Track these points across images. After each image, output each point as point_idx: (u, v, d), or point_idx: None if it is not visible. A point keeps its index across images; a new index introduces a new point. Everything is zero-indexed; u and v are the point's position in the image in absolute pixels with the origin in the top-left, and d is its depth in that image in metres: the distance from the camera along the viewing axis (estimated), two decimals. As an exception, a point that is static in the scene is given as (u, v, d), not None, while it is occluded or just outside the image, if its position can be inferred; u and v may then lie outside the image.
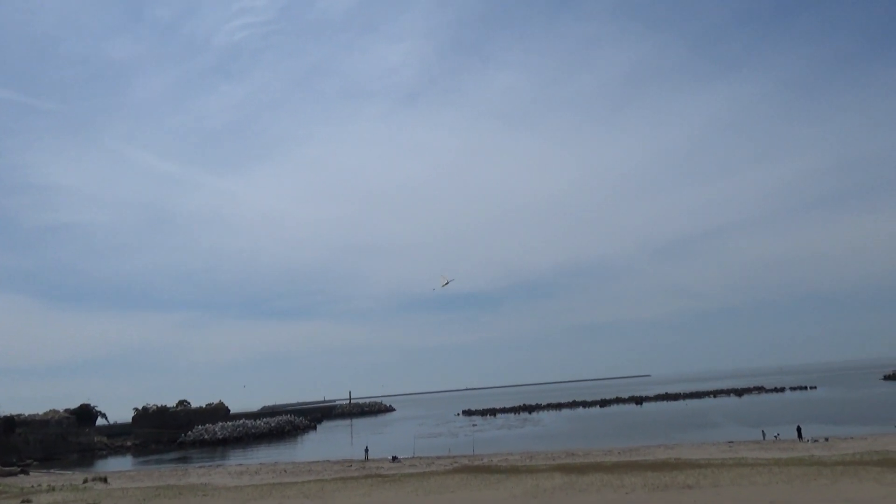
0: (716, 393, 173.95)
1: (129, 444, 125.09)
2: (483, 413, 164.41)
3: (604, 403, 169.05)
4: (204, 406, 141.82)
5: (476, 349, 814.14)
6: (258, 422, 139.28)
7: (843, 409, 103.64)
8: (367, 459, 71.45)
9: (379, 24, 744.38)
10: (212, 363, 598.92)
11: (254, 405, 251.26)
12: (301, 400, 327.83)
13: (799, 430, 67.72)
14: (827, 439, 61.38)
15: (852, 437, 62.34)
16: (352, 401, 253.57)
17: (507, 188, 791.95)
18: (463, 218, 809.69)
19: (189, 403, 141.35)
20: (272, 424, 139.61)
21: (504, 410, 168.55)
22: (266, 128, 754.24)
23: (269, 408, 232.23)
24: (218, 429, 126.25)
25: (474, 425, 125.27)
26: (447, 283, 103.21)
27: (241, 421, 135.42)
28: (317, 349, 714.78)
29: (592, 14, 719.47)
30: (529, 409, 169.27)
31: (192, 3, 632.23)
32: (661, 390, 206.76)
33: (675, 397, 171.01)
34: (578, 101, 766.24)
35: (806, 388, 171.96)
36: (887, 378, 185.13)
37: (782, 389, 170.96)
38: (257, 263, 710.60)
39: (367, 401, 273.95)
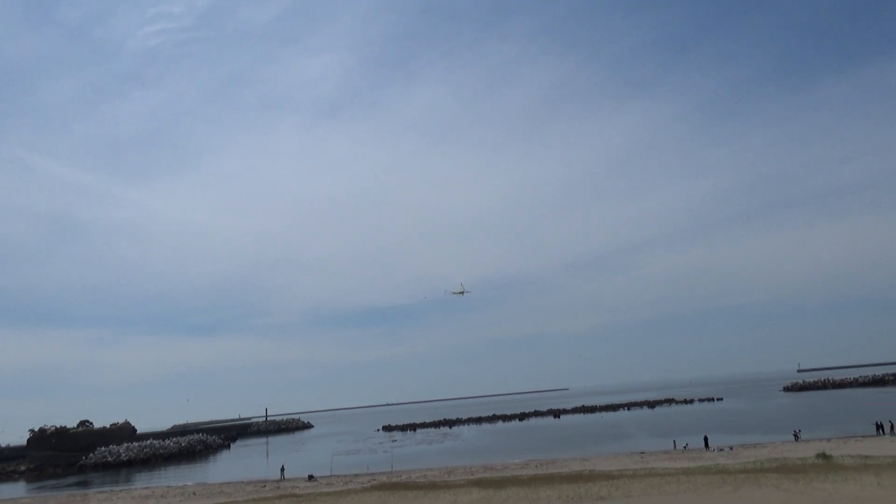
0: (630, 405, 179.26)
1: (22, 468, 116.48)
2: (403, 428, 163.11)
3: (523, 417, 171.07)
4: (108, 426, 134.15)
5: (397, 364, 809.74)
6: (167, 442, 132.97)
7: (746, 419, 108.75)
8: (282, 479, 69.22)
9: (300, 36, 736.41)
10: (120, 382, 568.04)
11: (164, 424, 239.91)
12: (215, 418, 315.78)
13: (706, 439, 70.51)
14: (731, 448, 64.14)
15: (754, 446, 65.37)
16: (268, 418, 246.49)
17: (430, 203, 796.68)
18: (385, 232, 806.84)
19: (91, 424, 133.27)
20: (182, 444, 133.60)
21: (424, 425, 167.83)
22: (182, 137, 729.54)
23: (180, 427, 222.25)
24: (123, 450, 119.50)
25: (394, 441, 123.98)
26: (462, 293, 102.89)
27: (149, 441, 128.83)
28: (233, 366, 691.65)
29: (514, 34, 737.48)
30: (450, 423, 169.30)
31: (104, 6, 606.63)
32: (579, 403, 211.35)
33: (591, 410, 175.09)
34: (501, 118, 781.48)
35: (713, 399, 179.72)
36: (787, 390, 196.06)
37: (692, 401, 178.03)
38: (172, 277, 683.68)
39: (285, 418, 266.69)
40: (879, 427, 68.97)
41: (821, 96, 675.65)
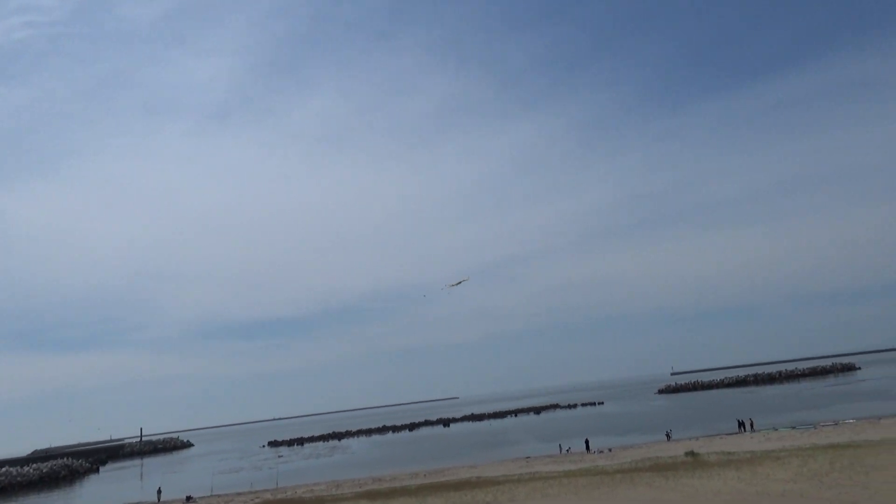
0: (517, 412, 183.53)
1: None
2: (290, 443, 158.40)
3: (413, 427, 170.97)
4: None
5: (286, 378, 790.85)
6: (26, 468, 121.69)
7: (624, 421, 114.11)
8: (158, 502, 65.14)
9: (188, 37, 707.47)
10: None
11: (22, 450, 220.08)
12: (84, 441, 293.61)
13: (587, 442, 73.16)
14: (610, 450, 66.92)
15: (631, 447, 68.55)
16: (143, 438, 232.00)
17: (323, 212, 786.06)
18: (276, 242, 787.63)
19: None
20: (43, 470, 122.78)
21: (312, 439, 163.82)
22: (51, 138, 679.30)
23: (41, 451, 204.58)
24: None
25: (280, 457, 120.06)
26: (459, 283, 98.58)
27: (4, 469, 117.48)
28: (106, 384, 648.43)
29: (409, 46, 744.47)
30: (339, 436, 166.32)
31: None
32: (468, 411, 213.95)
33: (480, 418, 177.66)
34: (395, 128, 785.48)
35: (595, 403, 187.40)
36: (661, 392, 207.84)
37: (575, 406, 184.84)
38: (35, 289, 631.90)
39: (162, 437, 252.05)
40: (741, 424, 74.29)
41: (694, 118, 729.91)
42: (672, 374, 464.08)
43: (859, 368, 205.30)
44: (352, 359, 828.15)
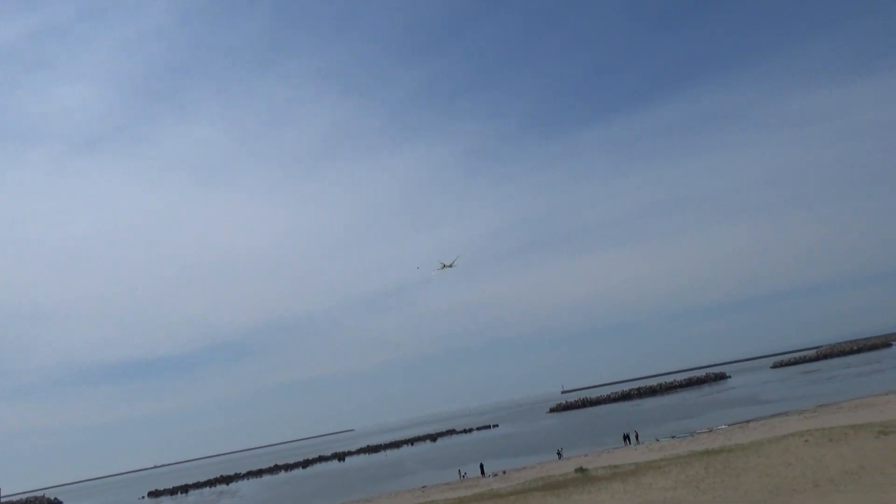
0: (414, 440, 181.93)
1: None
2: (172, 492, 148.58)
3: (307, 464, 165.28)
4: None
5: (167, 420, 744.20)
6: None
7: (518, 442, 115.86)
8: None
9: (52, 61, 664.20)
10: None
11: None
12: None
13: (482, 466, 73.44)
14: (504, 472, 67.49)
15: (524, 468, 69.41)
16: (2, 499, 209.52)
17: (203, 244, 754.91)
18: (151, 276, 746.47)
19: None
20: None
21: (198, 485, 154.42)
22: None
23: None
24: None
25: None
26: (453, 263, 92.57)
27: None
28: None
29: (293, 74, 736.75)
30: (227, 480, 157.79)
31: None
32: (364, 443, 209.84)
33: (376, 449, 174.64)
34: (280, 157, 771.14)
35: (490, 426, 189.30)
36: (552, 411, 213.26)
37: (471, 430, 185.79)
38: None
39: (26, 497, 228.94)
40: (626, 437, 77.28)
41: (575, 145, 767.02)
42: (562, 392, 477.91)
43: (729, 377, 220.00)
44: (239, 396, 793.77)
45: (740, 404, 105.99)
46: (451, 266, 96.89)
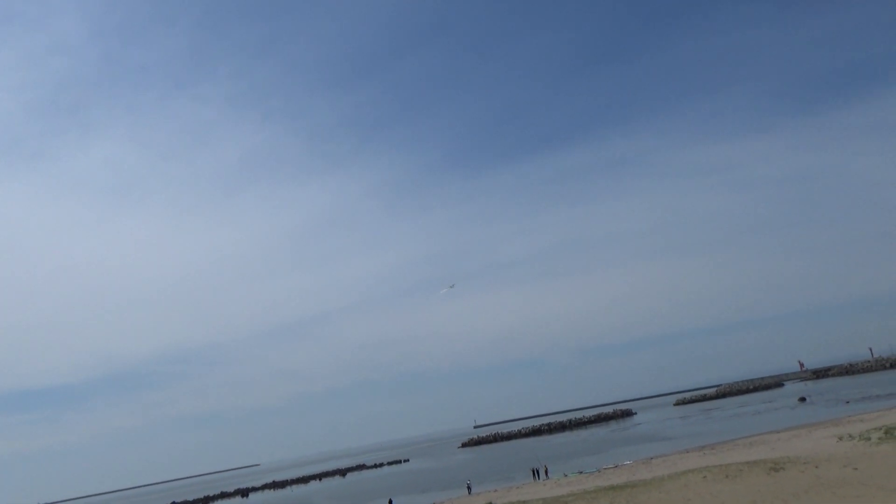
0: (322, 475, 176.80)
1: None
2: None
3: (207, 500, 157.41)
4: None
5: (56, 455, 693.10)
6: None
7: (428, 477, 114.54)
8: None
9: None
10: None
11: None
12: None
13: (390, 502, 72.08)
14: (413, 508, 66.39)
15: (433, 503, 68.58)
16: None
17: (103, 267, 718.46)
18: (45, 301, 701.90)
19: None
20: None
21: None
22: None
23: None
24: None
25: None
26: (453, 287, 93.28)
27: None
28: None
29: (210, 96, 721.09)
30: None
31: None
32: (270, 479, 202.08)
33: (282, 485, 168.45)
34: (195, 180, 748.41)
35: (401, 461, 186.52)
36: (464, 445, 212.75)
37: (381, 465, 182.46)
38: None
39: None
40: (535, 473, 77.87)
41: (490, 183, 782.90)
42: (475, 426, 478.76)
43: (636, 413, 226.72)
44: (136, 429, 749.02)
45: (645, 441, 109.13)
46: (452, 287, 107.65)
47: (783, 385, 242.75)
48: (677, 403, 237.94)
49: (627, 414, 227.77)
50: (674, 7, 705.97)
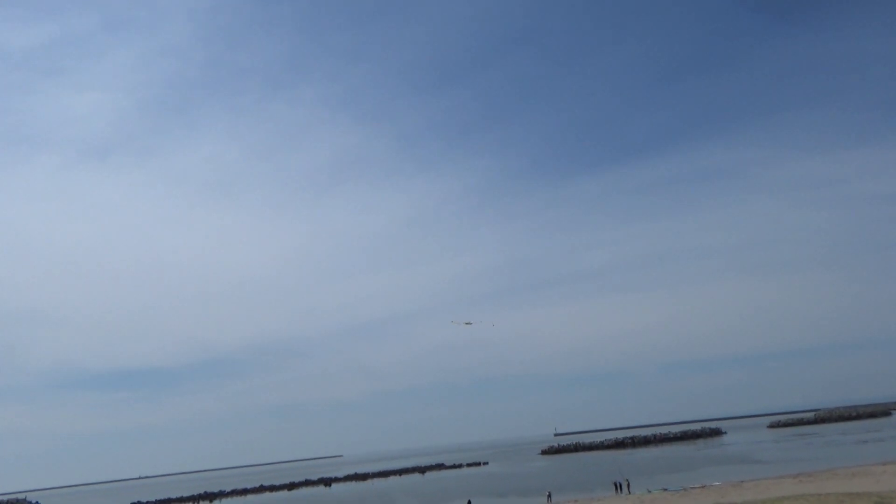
0: (402, 472, 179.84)
1: None
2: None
3: (292, 487, 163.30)
4: None
5: (154, 432, 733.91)
6: None
7: (507, 482, 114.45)
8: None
9: (67, 69, 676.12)
10: None
11: None
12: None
13: (469, 503, 72.65)
14: (492, 512, 66.67)
15: (513, 509, 68.62)
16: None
17: (201, 259, 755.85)
18: (148, 287, 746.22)
19: None
20: None
21: (181, 500, 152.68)
22: None
23: None
24: None
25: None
26: (469, 324, 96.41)
27: None
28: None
29: (305, 98, 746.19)
30: (210, 497, 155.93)
31: None
32: (352, 471, 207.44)
33: (364, 477, 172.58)
34: (286, 179, 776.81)
35: (479, 464, 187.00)
36: (544, 453, 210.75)
37: (460, 466, 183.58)
38: None
39: (7, 499, 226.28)
40: (617, 486, 76.39)
41: (574, 192, 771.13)
42: (555, 434, 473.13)
43: (725, 433, 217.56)
44: (226, 413, 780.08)
45: (735, 462, 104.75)
46: (469, 324, 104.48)
47: (890, 414, 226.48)
48: (771, 426, 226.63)
49: (716, 433, 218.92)
50: (775, 15, 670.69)
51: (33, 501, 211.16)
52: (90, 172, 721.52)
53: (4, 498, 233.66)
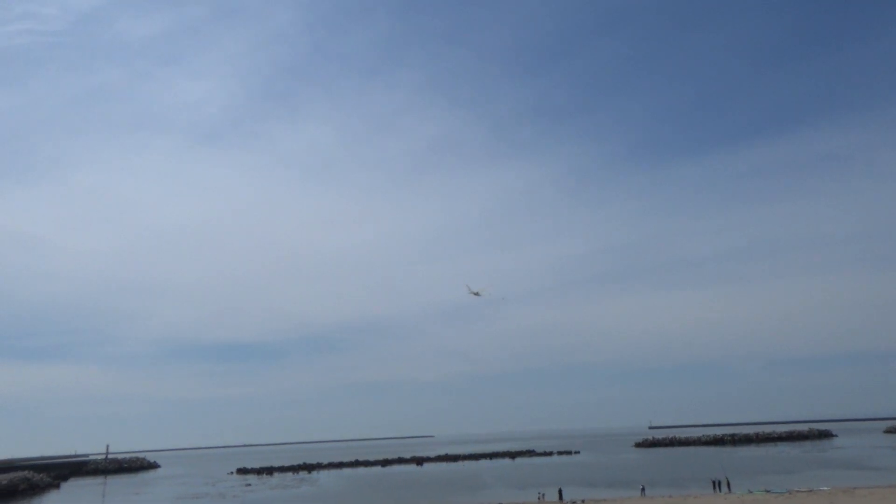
0: (492, 455, 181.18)
1: None
2: (259, 472, 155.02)
3: (385, 463, 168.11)
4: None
5: (258, 403, 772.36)
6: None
7: (599, 472, 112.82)
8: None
9: (183, 57, 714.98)
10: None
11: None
12: (46, 454, 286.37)
13: (560, 492, 72.25)
14: (584, 501, 65.98)
15: (604, 500, 67.62)
16: (109, 456, 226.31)
17: (301, 239, 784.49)
18: (251, 264, 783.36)
19: None
20: (2, 483, 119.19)
21: (282, 469, 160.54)
22: (38, 145, 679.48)
23: (2, 462, 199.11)
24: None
25: (247, 485, 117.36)
26: (478, 293, 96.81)
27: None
28: (71, 396, 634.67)
29: (401, 84, 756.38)
30: (309, 468, 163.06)
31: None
32: (443, 451, 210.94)
33: (454, 459, 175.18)
34: (382, 163, 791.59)
35: (571, 452, 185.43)
36: (638, 445, 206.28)
37: (551, 453, 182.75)
38: (4, 295, 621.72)
39: (128, 456, 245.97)
40: (716, 484, 73.70)
41: (676, 176, 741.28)
42: (650, 427, 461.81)
43: (836, 436, 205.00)
44: (323, 389, 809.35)
45: (846, 467, 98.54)
46: (477, 294, 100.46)
47: None
48: (888, 431, 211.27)
49: (825, 435, 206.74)
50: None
51: (151, 461, 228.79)
52: (202, 155, 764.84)
53: (127, 455, 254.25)
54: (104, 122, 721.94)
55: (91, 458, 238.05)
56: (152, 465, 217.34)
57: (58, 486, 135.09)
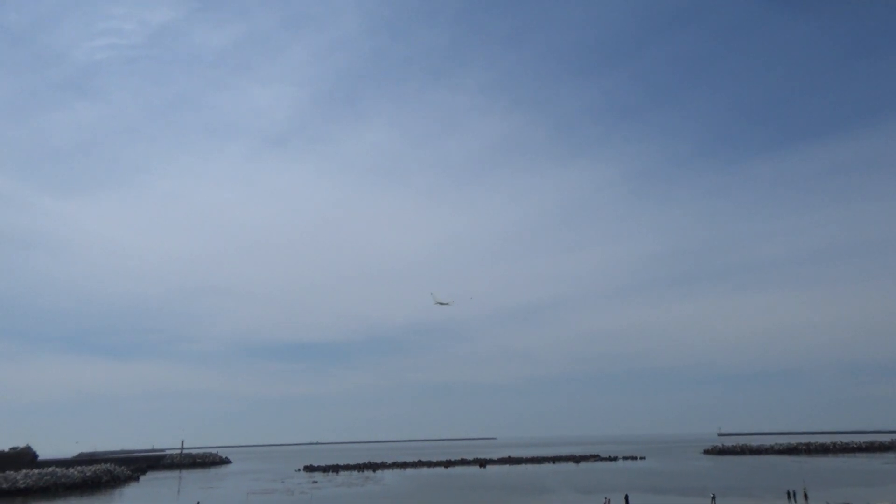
0: (556, 459, 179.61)
1: None
2: (325, 469, 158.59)
3: (448, 464, 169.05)
4: (6, 451, 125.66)
5: (324, 402, 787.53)
6: (71, 470, 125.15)
7: (667, 479, 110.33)
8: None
9: (253, 65, 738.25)
10: (23, 402, 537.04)
11: (69, 451, 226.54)
12: (126, 447, 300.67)
13: (626, 498, 71.16)
14: (651, 509, 64.81)
15: (673, 508, 66.23)
16: (184, 451, 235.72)
17: (367, 241, 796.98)
18: (320, 267, 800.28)
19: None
20: (87, 474, 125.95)
21: (347, 467, 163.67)
22: (120, 153, 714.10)
23: (86, 455, 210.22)
24: (21, 477, 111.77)
25: (314, 482, 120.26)
26: (444, 303, 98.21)
27: (50, 469, 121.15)
28: (149, 392, 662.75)
29: (465, 85, 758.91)
30: (374, 467, 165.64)
31: (52, 14, 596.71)
32: (505, 454, 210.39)
33: (517, 461, 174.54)
34: (446, 165, 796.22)
35: (637, 458, 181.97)
36: (707, 452, 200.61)
37: (616, 458, 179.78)
38: (89, 294, 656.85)
39: (202, 451, 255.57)
40: (791, 495, 71.10)
41: (746, 177, 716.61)
42: (720, 434, 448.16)
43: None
44: (388, 389, 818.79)
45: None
46: (444, 304, 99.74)
47: None
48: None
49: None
50: None
51: (223, 456, 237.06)
52: (271, 160, 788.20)
53: (200, 450, 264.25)
54: (181, 129, 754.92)
55: (167, 452, 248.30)
56: (224, 461, 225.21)
57: (137, 479, 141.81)
